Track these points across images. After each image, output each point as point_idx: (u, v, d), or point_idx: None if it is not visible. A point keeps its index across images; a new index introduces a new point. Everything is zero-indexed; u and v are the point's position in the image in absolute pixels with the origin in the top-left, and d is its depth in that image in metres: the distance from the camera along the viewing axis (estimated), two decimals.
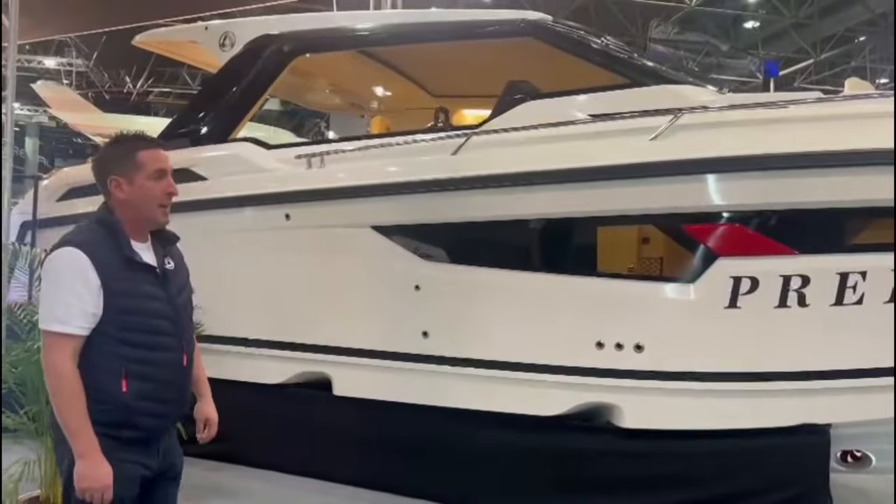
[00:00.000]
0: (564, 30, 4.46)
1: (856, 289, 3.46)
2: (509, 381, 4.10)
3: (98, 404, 2.05)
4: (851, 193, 3.44)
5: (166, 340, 2.19)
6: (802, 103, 3.75)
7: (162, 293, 2.20)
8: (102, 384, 2.07)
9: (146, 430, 2.15)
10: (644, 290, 3.95)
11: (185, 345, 2.26)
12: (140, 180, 2.18)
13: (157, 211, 2.22)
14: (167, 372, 2.19)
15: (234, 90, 5.04)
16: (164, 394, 2.18)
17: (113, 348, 2.08)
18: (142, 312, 2.13)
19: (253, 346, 4.74)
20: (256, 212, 4.64)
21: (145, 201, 2.19)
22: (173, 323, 2.22)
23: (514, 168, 4.01)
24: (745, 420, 3.73)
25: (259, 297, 4.69)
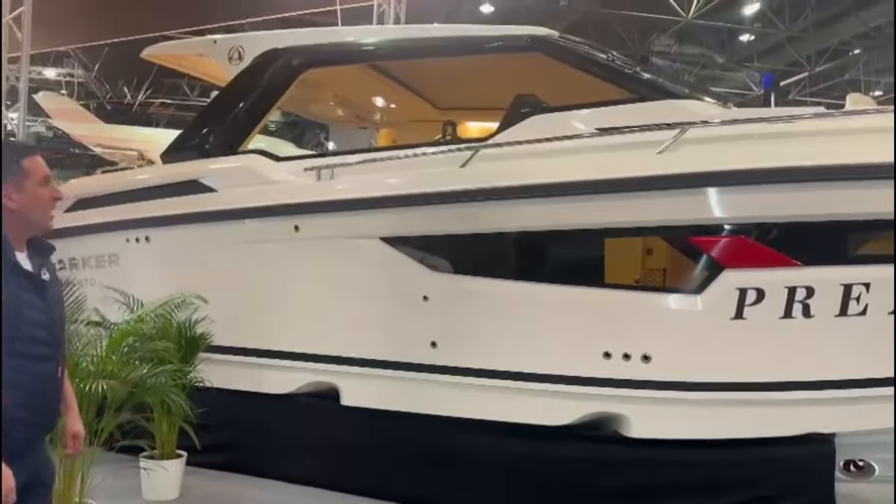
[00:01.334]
0: (570, 45, 4.53)
1: (859, 300, 3.51)
2: (517, 392, 4.15)
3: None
4: (855, 206, 3.51)
5: (43, 350, 2.17)
6: (805, 118, 3.81)
7: (41, 303, 2.18)
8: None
9: (20, 439, 2.10)
10: (651, 301, 4.00)
11: (60, 356, 2.25)
12: (29, 188, 2.17)
13: (47, 216, 2.24)
14: (42, 382, 2.18)
15: (242, 103, 5.10)
16: (38, 404, 2.17)
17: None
18: (22, 321, 2.10)
19: (261, 357, 4.78)
20: (266, 223, 4.69)
21: (35, 208, 2.19)
22: (50, 333, 2.20)
23: (522, 181, 4.07)
24: (751, 430, 3.78)
25: (267, 308, 4.72)
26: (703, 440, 3.81)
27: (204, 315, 4.52)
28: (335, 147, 8.13)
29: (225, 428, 4.70)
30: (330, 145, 8.18)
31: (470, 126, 6.47)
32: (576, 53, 4.46)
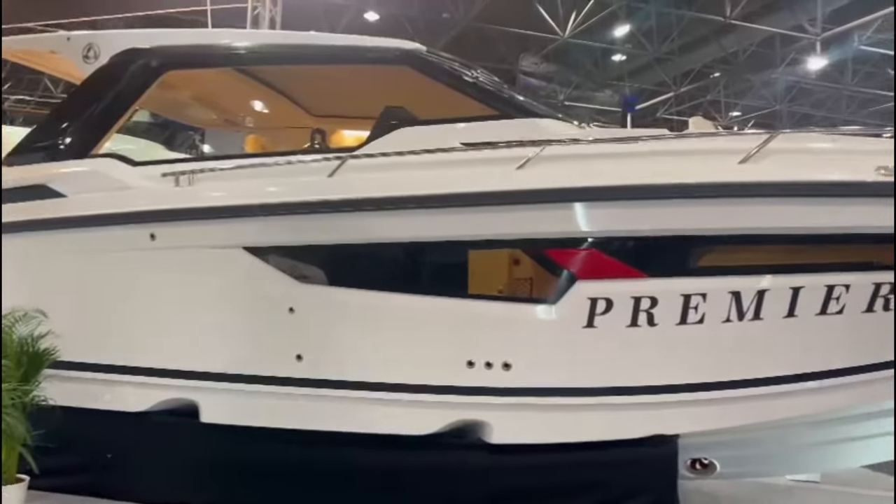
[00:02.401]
0: (438, 60, 4.61)
1: (697, 309, 3.77)
2: (382, 402, 4.16)
3: None
4: (693, 222, 3.77)
5: None
6: (652, 139, 4.07)
7: None
8: None
9: None
10: (511, 311, 4.13)
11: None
12: None
13: None
14: None
15: (97, 104, 4.83)
16: None
17: None
18: None
19: (114, 373, 4.53)
20: (119, 231, 4.46)
21: None
22: None
23: (389, 192, 4.10)
24: (603, 433, 3.97)
25: (121, 321, 4.49)
26: (557, 445, 3.95)
27: (48, 330, 4.22)
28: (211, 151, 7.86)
29: (74, 449, 4.41)
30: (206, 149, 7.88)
31: (346, 135, 6.44)
32: (442, 70, 4.54)
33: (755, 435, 4.10)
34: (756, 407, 3.89)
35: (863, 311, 3.70)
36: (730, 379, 3.87)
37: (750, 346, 3.81)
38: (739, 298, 3.74)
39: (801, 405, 3.89)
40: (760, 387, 3.83)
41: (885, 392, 3.88)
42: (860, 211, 3.58)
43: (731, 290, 3.75)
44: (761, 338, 3.79)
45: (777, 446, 4.35)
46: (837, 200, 3.59)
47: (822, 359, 3.82)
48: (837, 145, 4.03)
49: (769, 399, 3.87)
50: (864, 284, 3.68)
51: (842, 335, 3.77)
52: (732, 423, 3.93)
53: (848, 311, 3.70)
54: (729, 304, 3.76)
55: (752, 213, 3.68)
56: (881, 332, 3.76)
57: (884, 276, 3.67)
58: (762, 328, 3.76)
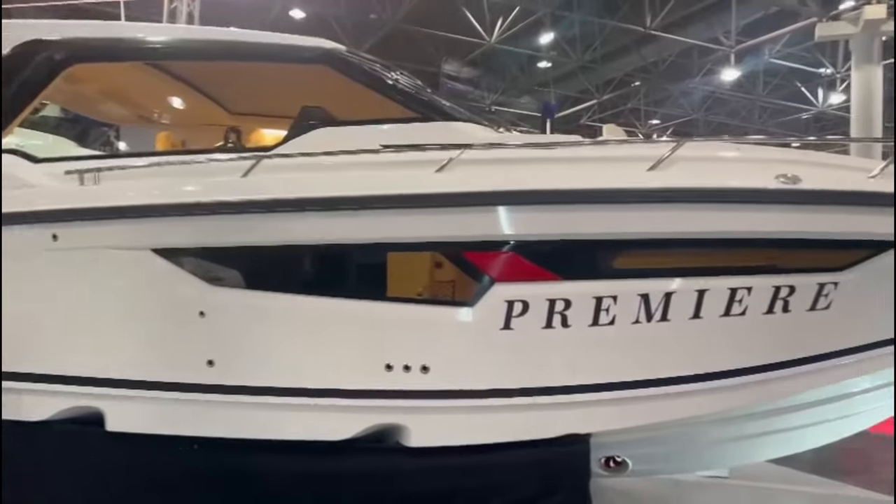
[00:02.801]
0: (357, 61, 4.58)
1: (609, 311, 3.87)
2: (299, 408, 4.09)
3: None
4: (605, 226, 3.86)
5: None
6: (567, 145, 4.16)
7: None
8: None
9: None
10: (430, 313, 4.12)
11: None
12: None
13: None
14: None
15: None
16: None
17: None
18: None
19: (13, 380, 4.29)
20: (17, 232, 4.22)
21: None
22: None
23: (305, 193, 4.03)
24: (519, 433, 4.01)
25: (19, 326, 4.25)
26: (473, 446, 3.97)
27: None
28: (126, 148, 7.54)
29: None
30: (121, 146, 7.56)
31: (267, 134, 6.31)
32: (362, 70, 4.50)
33: (665, 433, 4.21)
34: (665, 405, 4.00)
35: (763, 313, 3.87)
36: (639, 378, 3.97)
37: (658, 346, 3.92)
38: (648, 300, 3.85)
39: (708, 403, 4.03)
40: (669, 385, 3.95)
41: (784, 390, 4.07)
42: (761, 217, 3.75)
43: (640, 292, 3.85)
44: (669, 338, 3.90)
45: (686, 443, 4.50)
46: (740, 206, 3.75)
47: (726, 358, 3.97)
48: (742, 154, 4.22)
49: (678, 397, 3.99)
50: (765, 287, 3.85)
51: (744, 336, 3.92)
52: (642, 421, 4.04)
53: (750, 313, 3.86)
54: (638, 306, 3.86)
55: (659, 218, 3.79)
56: (781, 333, 3.94)
57: (783, 280, 3.85)
58: (670, 329, 3.88)
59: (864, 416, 4.72)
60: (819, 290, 3.84)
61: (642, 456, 4.52)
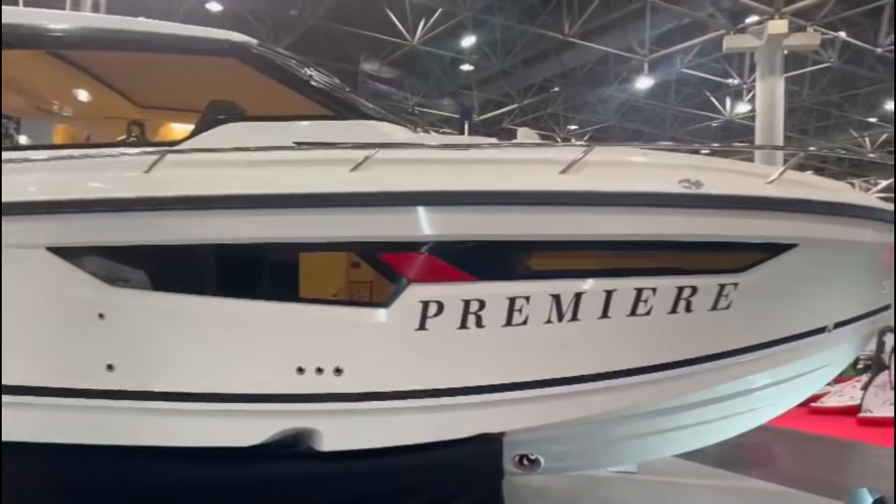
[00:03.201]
0: (269, 55, 4.46)
1: (522, 311, 3.91)
2: (206, 414, 3.95)
3: None
4: (517, 228, 3.90)
5: None
6: (482, 147, 4.18)
7: None
8: None
9: None
10: (344, 314, 4.07)
11: None
12: None
13: None
14: None
15: None
16: None
17: None
18: None
19: None
20: None
21: None
22: None
23: (212, 190, 3.89)
24: (433, 434, 4.00)
25: None
26: (387, 449, 3.94)
27: None
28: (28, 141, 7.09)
29: None
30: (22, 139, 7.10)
31: (176, 128, 6.07)
32: (273, 65, 4.39)
33: (576, 430, 4.30)
34: (577, 403, 4.08)
35: (667, 313, 4.00)
36: (552, 377, 4.04)
37: (570, 345, 3.99)
38: (559, 301, 3.92)
39: (618, 400, 4.14)
40: (578, 384, 4.03)
41: (689, 387, 4.23)
42: (665, 220, 3.88)
43: (551, 292, 3.92)
44: (579, 337, 3.98)
45: (596, 440, 4.61)
46: (645, 210, 3.86)
47: (634, 356, 4.09)
48: (649, 159, 4.35)
49: (589, 395, 4.08)
50: (669, 288, 3.98)
51: (650, 334, 4.04)
52: (555, 419, 4.10)
53: (654, 313, 3.98)
54: (550, 307, 3.92)
55: (570, 220, 3.87)
56: (684, 332, 4.09)
57: (686, 281, 3.99)
58: (580, 329, 3.96)
59: (764, 411, 4.96)
60: (720, 291, 4.00)
61: (554, 453, 4.60)
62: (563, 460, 4.85)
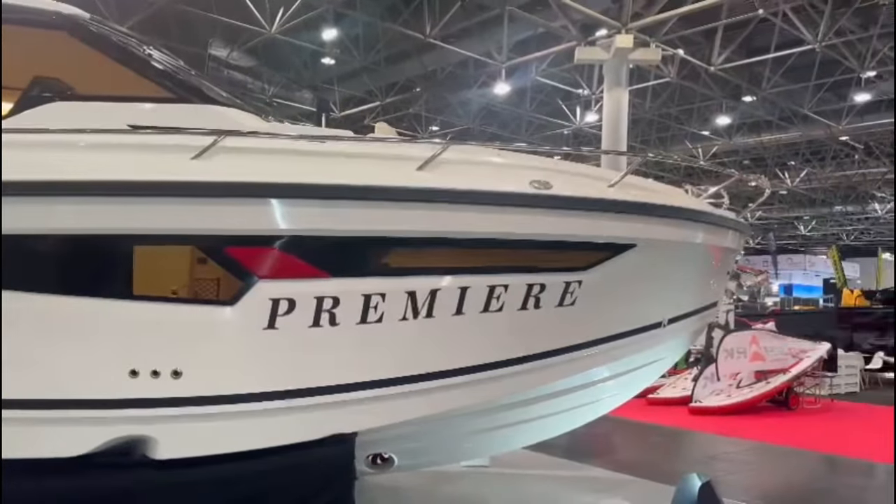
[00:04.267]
0: (102, 30, 4.09)
1: (377, 308, 3.84)
2: (26, 423, 3.56)
3: None
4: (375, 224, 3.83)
5: None
6: (336, 140, 4.07)
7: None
8: None
9: None
10: (183, 313, 3.81)
11: None
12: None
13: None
14: None
15: None
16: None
17: None
18: None
19: None
20: None
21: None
22: None
23: (33, 175, 3.51)
24: (281, 437, 3.85)
25: None
26: (228, 455, 3.73)
27: None
28: None
29: None
30: None
31: None
32: (105, 40, 4.03)
33: (427, 427, 4.30)
34: (430, 399, 4.08)
35: (518, 309, 4.09)
36: (406, 374, 4.00)
37: (424, 341, 3.98)
38: (415, 298, 3.89)
39: (469, 395, 4.18)
40: (432, 380, 4.03)
41: (537, 381, 4.35)
42: (515, 219, 3.95)
43: (407, 290, 3.88)
44: (434, 334, 3.98)
45: (448, 436, 4.64)
46: (497, 208, 3.92)
47: (486, 352, 4.14)
48: (503, 159, 4.43)
49: (442, 391, 4.08)
50: (520, 285, 4.07)
51: (502, 330, 4.11)
52: (406, 416, 4.07)
53: (506, 309, 4.06)
54: (405, 304, 3.89)
55: (425, 217, 3.85)
56: (533, 328, 4.19)
57: (535, 278, 4.09)
58: (435, 325, 3.95)
59: (606, 402, 5.22)
60: (566, 288, 4.14)
61: (407, 451, 4.58)
62: (416, 457, 4.84)
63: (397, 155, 4.19)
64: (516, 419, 4.68)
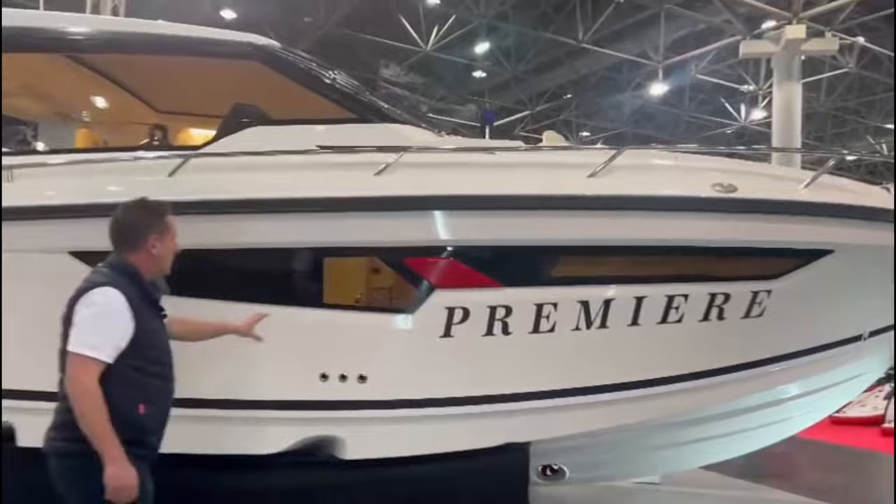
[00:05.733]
0: (292, 58, 4.41)
1: (549, 318, 3.83)
2: (229, 421, 3.89)
3: (120, 425, 2.52)
4: (546, 233, 3.82)
5: (169, 372, 2.81)
6: (508, 151, 4.11)
7: (162, 329, 2.85)
8: (124, 408, 2.56)
9: (152, 447, 2.71)
10: (367, 321, 4.00)
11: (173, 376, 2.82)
12: (169, 240, 2.92)
13: (170, 263, 2.96)
14: (167, 399, 2.81)
15: None
16: (164, 417, 2.79)
17: (134, 376, 2.62)
18: (156, 346, 2.74)
19: None
20: None
21: (168, 256, 2.93)
22: (169, 356, 2.83)
23: (236, 194, 3.84)
24: (458, 443, 3.92)
25: None
26: (410, 458, 3.86)
27: None
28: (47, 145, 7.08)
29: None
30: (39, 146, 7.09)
31: (195, 134, 6.03)
32: (296, 67, 4.33)
33: (601, 440, 4.21)
34: (604, 412, 3.99)
35: (699, 320, 3.91)
36: (579, 385, 3.95)
37: (597, 353, 3.91)
38: (588, 307, 3.84)
39: (645, 410, 4.05)
40: (608, 393, 3.95)
41: (718, 397, 4.13)
42: (697, 225, 3.78)
43: (580, 299, 3.84)
44: (608, 345, 3.90)
45: (622, 450, 4.51)
46: (677, 214, 3.78)
47: (663, 365, 4.00)
48: (678, 162, 4.27)
49: (616, 404, 3.99)
50: (701, 295, 3.89)
51: (680, 343, 3.95)
52: (582, 428, 4.02)
53: (686, 320, 3.89)
54: (578, 313, 3.84)
55: (599, 224, 3.79)
56: (715, 341, 3.99)
57: (718, 287, 3.90)
58: (608, 336, 3.87)
59: (794, 422, 4.85)
60: (753, 298, 3.90)
61: (579, 463, 4.51)
62: (588, 471, 4.75)
63: (568, 163, 4.16)
64: (696, 437, 4.47)
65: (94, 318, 2.60)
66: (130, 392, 2.61)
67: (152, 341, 2.72)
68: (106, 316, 2.61)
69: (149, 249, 2.85)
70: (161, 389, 2.77)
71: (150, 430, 2.69)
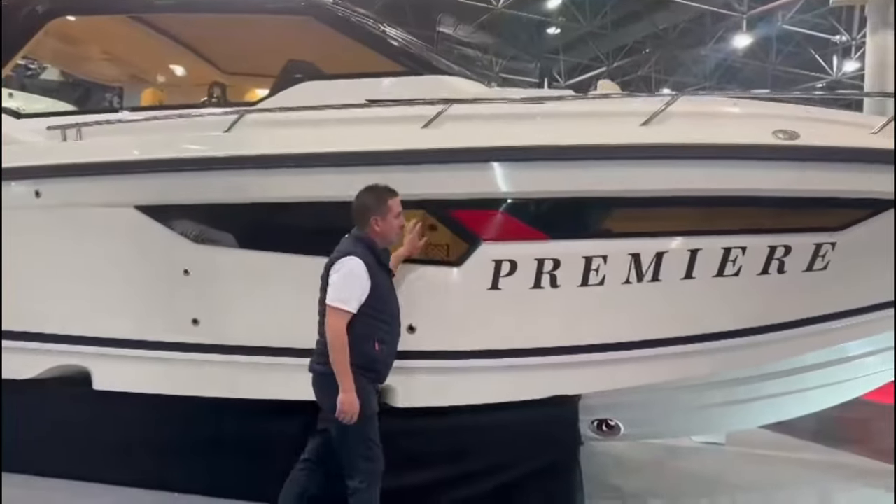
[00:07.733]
0: (343, 12, 4.44)
1: (598, 271, 3.77)
2: (286, 368, 4.04)
3: (360, 357, 3.28)
4: (595, 184, 3.74)
5: (395, 319, 3.53)
6: (557, 101, 4.02)
7: (394, 291, 3.58)
8: (364, 345, 3.31)
9: (382, 374, 3.49)
10: (417, 272, 4.04)
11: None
12: (390, 219, 3.51)
13: (396, 238, 3.65)
14: (395, 339, 3.54)
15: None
16: (392, 351, 3.52)
17: (371, 322, 3.34)
18: (387, 301, 3.47)
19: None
20: (3, 187, 4.16)
21: (391, 232, 3.55)
22: (398, 309, 3.56)
23: (289, 149, 3.93)
24: (506, 395, 3.94)
25: (6, 282, 4.21)
26: (458, 408, 3.91)
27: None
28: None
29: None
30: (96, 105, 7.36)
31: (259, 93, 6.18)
32: (346, 21, 4.37)
33: (657, 396, 4.14)
34: (655, 367, 3.91)
35: (758, 274, 3.76)
36: (629, 340, 3.88)
37: (649, 306, 3.82)
38: (639, 261, 3.75)
39: (699, 365, 3.95)
40: (659, 347, 3.86)
41: (777, 353, 3.98)
42: (756, 174, 3.62)
43: (630, 252, 3.75)
44: (660, 299, 3.81)
45: (676, 406, 4.43)
46: (734, 163, 3.62)
47: (718, 319, 3.87)
48: (739, 109, 4.07)
49: (668, 359, 3.90)
50: (760, 247, 3.73)
51: (738, 296, 3.81)
52: (629, 383, 3.95)
53: (744, 274, 3.75)
54: (629, 267, 3.76)
55: (651, 175, 3.67)
56: (775, 295, 3.83)
57: (778, 240, 3.73)
58: (661, 289, 3.78)
59: (863, 381, 4.62)
60: (816, 251, 3.72)
61: (634, 419, 4.45)
62: (643, 427, 4.69)
63: (621, 112, 4.04)
64: (755, 394, 4.34)
65: (343, 279, 3.30)
66: (369, 333, 3.32)
67: (384, 296, 3.42)
68: (352, 278, 3.29)
69: (373, 226, 3.45)
70: (389, 332, 3.46)
71: (381, 361, 3.43)
